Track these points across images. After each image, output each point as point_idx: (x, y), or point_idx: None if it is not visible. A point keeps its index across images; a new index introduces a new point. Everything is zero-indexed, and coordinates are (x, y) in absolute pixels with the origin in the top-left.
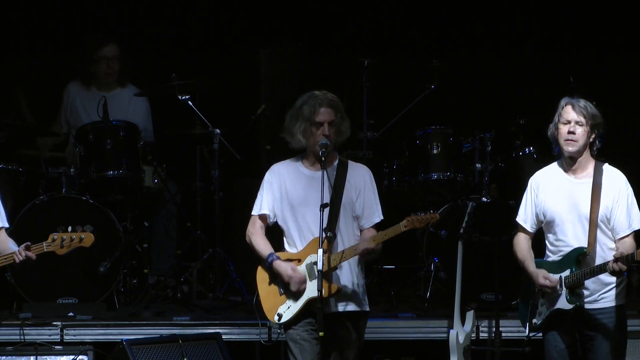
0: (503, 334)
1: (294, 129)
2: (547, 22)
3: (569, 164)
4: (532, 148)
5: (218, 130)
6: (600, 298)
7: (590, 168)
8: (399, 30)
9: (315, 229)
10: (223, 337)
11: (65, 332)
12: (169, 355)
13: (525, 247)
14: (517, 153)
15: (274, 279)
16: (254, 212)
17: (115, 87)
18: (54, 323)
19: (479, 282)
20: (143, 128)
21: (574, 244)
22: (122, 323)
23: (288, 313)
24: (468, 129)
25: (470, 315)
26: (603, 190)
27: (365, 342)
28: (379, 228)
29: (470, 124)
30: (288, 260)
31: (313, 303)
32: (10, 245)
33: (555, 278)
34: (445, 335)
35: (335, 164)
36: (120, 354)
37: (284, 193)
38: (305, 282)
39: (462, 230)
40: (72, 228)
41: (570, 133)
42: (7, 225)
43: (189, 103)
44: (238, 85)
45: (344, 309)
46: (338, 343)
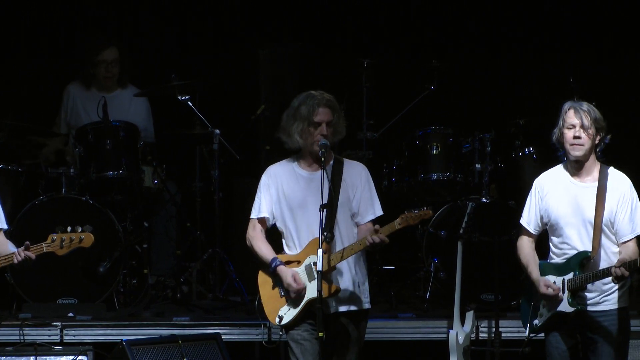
0: (503, 335)
1: (292, 129)
2: (547, 22)
3: (575, 168)
4: (531, 148)
5: (218, 131)
6: (603, 300)
7: (596, 172)
8: (399, 31)
9: (315, 230)
10: (223, 337)
11: (65, 332)
12: (169, 356)
13: (529, 250)
14: (516, 153)
15: (276, 282)
16: (253, 215)
17: (116, 88)
18: (54, 323)
19: (479, 282)
20: (143, 128)
21: (578, 248)
22: (121, 323)
23: (289, 315)
24: (468, 130)
25: (470, 316)
26: (608, 194)
27: (365, 342)
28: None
29: (470, 125)
30: (287, 263)
31: (313, 304)
32: (9, 247)
33: (557, 287)
34: (445, 336)
35: (331, 163)
36: (120, 355)
37: (282, 195)
38: (305, 288)
39: (461, 231)
40: (71, 228)
41: (576, 138)
42: (5, 227)
43: (189, 103)
44: (238, 86)
45: (345, 309)
46: (339, 343)
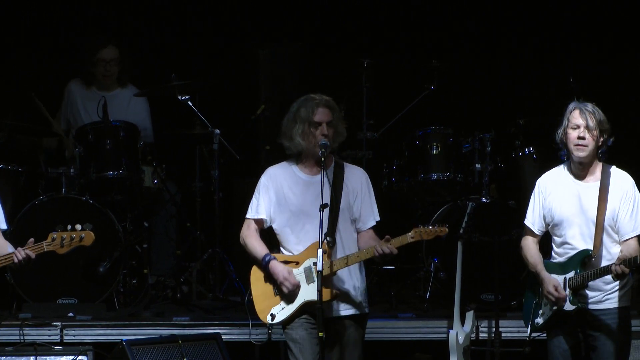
0: (503, 335)
1: (293, 132)
2: (547, 22)
3: (577, 168)
4: (531, 148)
5: (218, 131)
6: (605, 299)
7: (598, 171)
8: (399, 31)
9: (314, 235)
10: (223, 337)
11: (65, 332)
12: (169, 356)
13: (535, 251)
14: (516, 153)
15: (269, 279)
16: (249, 215)
17: (115, 87)
18: (54, 323)
19: (479, 282)
20: (143, 128)
21: (581, 247)
22: (121, 323)
23: (282, 314)
24: (468, 129)
25: (470, 316)
26: (610, 193)
27: (365, 342)
28: (376, 228)
29: (470, 124)
30: (285, 262)
31: (309, 306)
32: (8, 249)
33: (565, 293)
34: (445, 336)
35: (332, 167)
36: (120, 355)
37: (282, 198)
38: (299, 286)
39: (461, 231)
40: (71, 227)
41: (580, 138)
42: (5, 227)
43: (189, 103)
44: (238, 86)
45: (345, 313)
46: (340, 346)
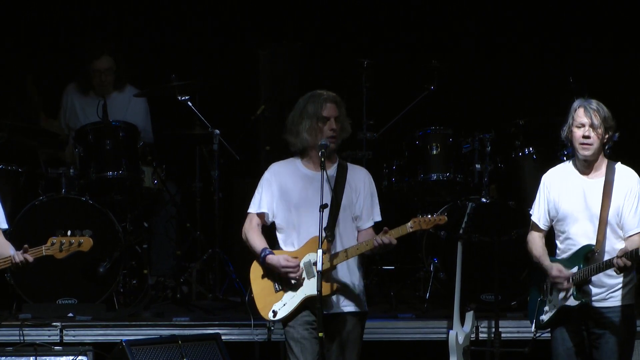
0: (502, 335)
1: (300, 128)
2: (547, 22)
3: (583, 165)
4: (531, 148)
5: (218, 131)
6: (609, 297)
7: (603, 167)
8: (399, 31)
9: (314, 230)
10: (222, 337)
11: (65, 332)
12: (169, 356)
13: (540, 244)
14: (516, 154)
15: (269, 275)
16: (252, 209)
17: (112, 91)
18: (54, 324)
19: (479, 282)
20: (142, 129)
21: (584, 243)
22: (121, 324)
23: (283, 310)
24: (467, 130)
25: (470, 316)
26: (615, 188)
27: (365, 342)
28: (377, 228)
29: (470, 125)
30: None
31: (310, 301)
32: (9, 249)
33: (569, 272)
34: (445, 336)
35: (335, 166)
36: (120, 355)
37: (284, 193)
38: (302, 271)
39: (461, 231)
40: (71, 232)
41: (585, 137)
42: (6, 227)
43: (189, 103)
44: (238, 86)
45: (345, 310)
46: (339, 343)
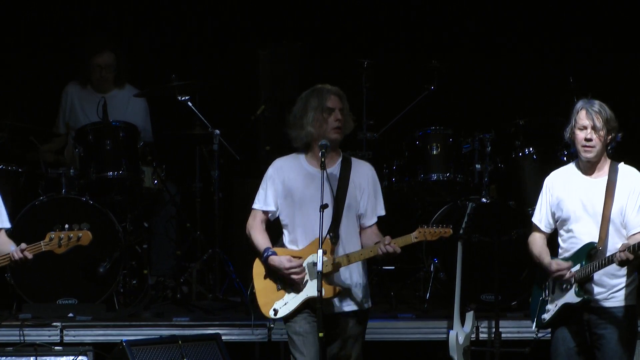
0: (503, 335)
1: (304, 121)
2: (547, 22)
3: (586, 166)
4: (531, 149)
5: (218, 131)
6: (611, 297)
7: (606, 167)
8: (399, 31)
9: (318, 229)
10: (223, 337)
11: (65, 332)
12: (169, 356)
13: (542, 244)
14: (516, 154)
15: (271, 275)
16: (256, 206)
17: (112, 89)
18: (54, 324)
19: (479, 282)
20: (142, 128)
21: (587, 241)
22: (121, 324)
23: (285, 309)
24: (468, 130)
25: (470, 316)
26: (617, 188)
27: (365, 342)
28: (378, 227)
29: (470, 125)
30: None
31: (312, 302)
32: (10, 247)
33: (568, 263)
34: (445, 336)
35: (339, 162)
36: (120, 355)
37: (288, 189)
38: (305, 271)
39: (461, 231)
40: (69, 226)
41: (587, 140)
42: (8, 226)
43: (189, 104)
44: (238, 86)
45: (347, 309)
46: (341, 340)
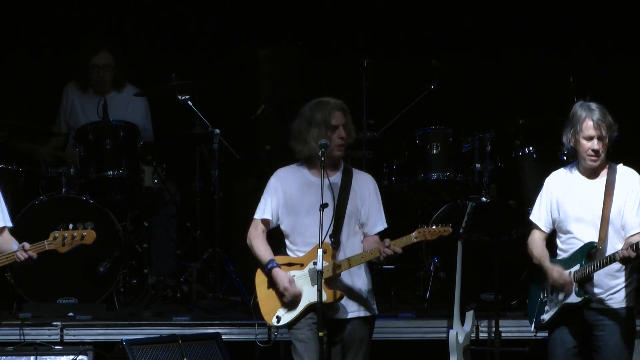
0: (503, 334)
1: (308, 136)
2: (547, 22)
3: (587, 169)
4: (531, 148)
5: (218, 130)
6: (609, 298)
7: (605, 168)
8: (399, 30)
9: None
10: (223, 337)
11: (65, 332)
12: (169, 356)
13: (541, 245)
14: (516, 153)
15: (273, 285)
16: (257, 216)
17: (111, 90)
18: (54, 323)
19: (479, 282)
20: (142, 128)
21: (586, 241)
22: (122, 323)
23: (287, 316)
24: (468, 129)
25: (470, 315)
26: (616, 189)
27: None
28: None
29: (470, 124)
30: (290, 264)
31: (314, 307)
32: (13, 245)
33: (569, 276)
34: (445, 335)
35: (340, 172)
36: (120, 354)
37: (290, 200)
38: (300, 295)
39: (461, 230)
40: (73, 226)
41: (595, 151)
42: (10, 225)
43: (189, 103)
44: (238, 85)
45: (353, 315)
46: (345, 347)
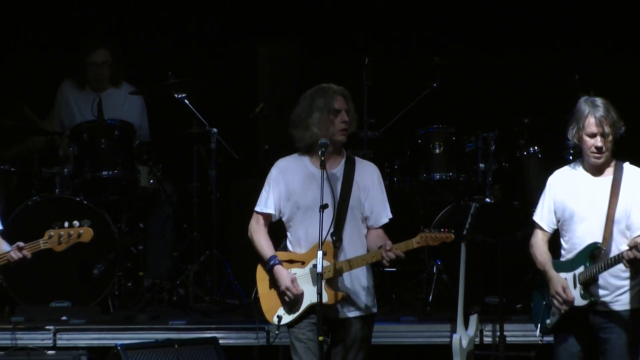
0: (507, 339)
1: (309, 121)
2: (549, 20)
3: (591, 166)
4: (536, 147)
5: (215, 130)
6: (615, 300)
7: (611, 167)
8: (400, 28)
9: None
10: (220, 341)
11: (58, 336)
12: None
13: (544, 249)
14: (521, 152)
15: (274, 282)
16: (258, 208)
17: (108, 87)
18: (47, 327)
19: (483, 284)
20: (138, 126)
21: (590, 242)
22: (116, 327)
23: (288, 316)
24: (471, 128)
25: (474, 319)
26: (622, 188)
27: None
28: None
29: (473, 123)
30: (291, 261)
31: (315, 307)
32: (4, 247)
33: (572, 296)
34: (448, 340)
35: (343, 162)
36: (115, 359)
37: (291, 191)
38: (302, 295)
39: (465, 232)
40: (69, 224)
41: (598, 148)
42: (0, 228)
43: (185, 101)
44: (236, 84)
45: (353, 315)
46: (346, 346)
